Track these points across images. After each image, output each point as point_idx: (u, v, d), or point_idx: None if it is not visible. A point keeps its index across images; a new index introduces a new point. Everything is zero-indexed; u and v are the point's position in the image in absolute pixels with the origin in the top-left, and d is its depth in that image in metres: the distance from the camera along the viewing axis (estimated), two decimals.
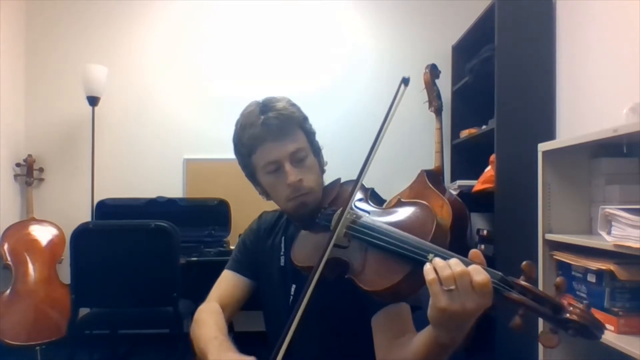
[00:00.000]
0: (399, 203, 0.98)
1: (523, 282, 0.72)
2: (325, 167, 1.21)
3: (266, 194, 1.18)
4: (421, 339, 0.87)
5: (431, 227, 0.85)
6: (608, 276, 1.55)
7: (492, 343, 2.37)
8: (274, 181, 1.12)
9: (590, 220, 1.89)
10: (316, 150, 1.19)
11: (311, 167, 1.13)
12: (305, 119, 1.17)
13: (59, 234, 3.09)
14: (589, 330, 0.69)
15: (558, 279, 0.72)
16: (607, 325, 1.56)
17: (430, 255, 0.78)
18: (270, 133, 1.08)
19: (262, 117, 1.09)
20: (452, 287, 0.71)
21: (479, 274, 0.72)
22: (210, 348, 1.02)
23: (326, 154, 1.24)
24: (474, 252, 0.76)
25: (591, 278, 1.64)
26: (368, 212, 1.01)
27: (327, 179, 1.21)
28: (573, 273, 1.74)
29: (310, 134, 1.17)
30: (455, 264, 0.73)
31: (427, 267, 0.75)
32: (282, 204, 1.15)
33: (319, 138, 1.21)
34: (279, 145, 1.09)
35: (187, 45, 3.45)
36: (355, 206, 1.03)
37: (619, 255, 1.50)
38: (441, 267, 0.73)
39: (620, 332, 1.51)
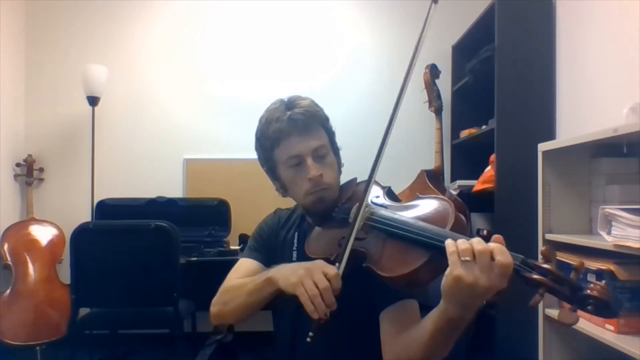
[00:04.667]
0: (417, 197, 1.00)
1: (543, 265, 0.75)
2: (342, 168, 1.24)
3: (284, 188, 1.20)
4: (429, 317, 0.89)
5: (451, 217, 0.87)
6: (608, 276, 1.55)
7: (492, 343, 2.38)
8: (295, 175, 1.15)
9: (590, 220, 1.89)
10: (336, 150, 1.22)
11: (331, 164, 1.17)
12: (328, 119, 1.21)
13: (59, 234, 3.09)
14: (609, 306, 0.71)
15: (577, 262, 0.75)
16: (607, 325, 1.57)
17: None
18: (296, 128, 1.12)
19: (289, 112, 1.13)
20: (468, 258, 0.75)
21: (502, 254, 0.75)
22: (270, 272, 1.06)
23: None
24: (497, 237, 0.79)
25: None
26: (386, 207, 1.03)
27: None
28: None
29: (331, 134, 1.22)
30: (477, 242, 0.77)
31: (449, 241, 0.79)
32: (300, 199, 1.18)
33: None
34: (303, 140, 1.13)
35: (187, 45, 3.45)
36: (373, 202, 1.05)
37: (619, 255, 1.50)
38: (461, 242, 0.78)
39: (620, 332, 1.52)
